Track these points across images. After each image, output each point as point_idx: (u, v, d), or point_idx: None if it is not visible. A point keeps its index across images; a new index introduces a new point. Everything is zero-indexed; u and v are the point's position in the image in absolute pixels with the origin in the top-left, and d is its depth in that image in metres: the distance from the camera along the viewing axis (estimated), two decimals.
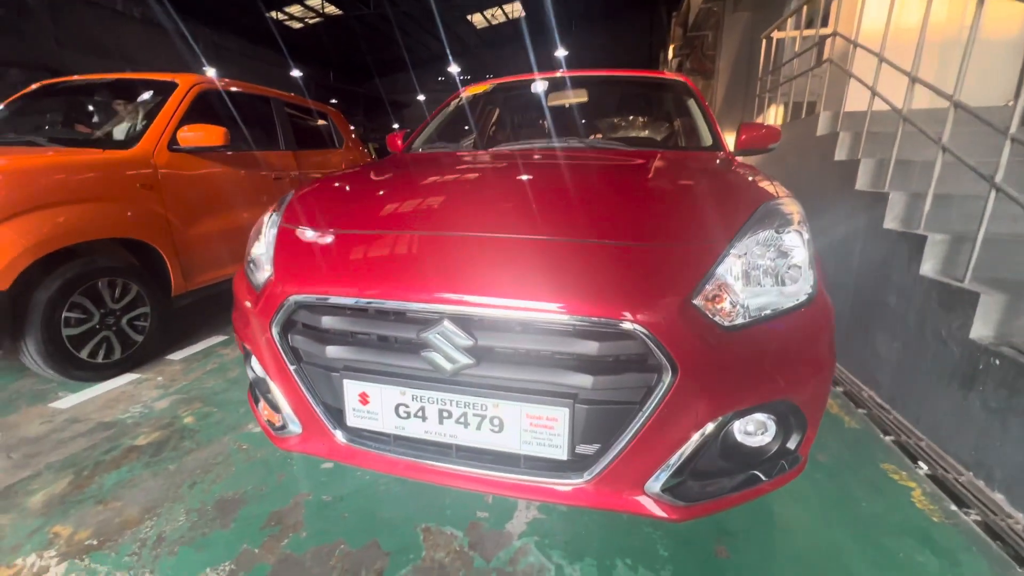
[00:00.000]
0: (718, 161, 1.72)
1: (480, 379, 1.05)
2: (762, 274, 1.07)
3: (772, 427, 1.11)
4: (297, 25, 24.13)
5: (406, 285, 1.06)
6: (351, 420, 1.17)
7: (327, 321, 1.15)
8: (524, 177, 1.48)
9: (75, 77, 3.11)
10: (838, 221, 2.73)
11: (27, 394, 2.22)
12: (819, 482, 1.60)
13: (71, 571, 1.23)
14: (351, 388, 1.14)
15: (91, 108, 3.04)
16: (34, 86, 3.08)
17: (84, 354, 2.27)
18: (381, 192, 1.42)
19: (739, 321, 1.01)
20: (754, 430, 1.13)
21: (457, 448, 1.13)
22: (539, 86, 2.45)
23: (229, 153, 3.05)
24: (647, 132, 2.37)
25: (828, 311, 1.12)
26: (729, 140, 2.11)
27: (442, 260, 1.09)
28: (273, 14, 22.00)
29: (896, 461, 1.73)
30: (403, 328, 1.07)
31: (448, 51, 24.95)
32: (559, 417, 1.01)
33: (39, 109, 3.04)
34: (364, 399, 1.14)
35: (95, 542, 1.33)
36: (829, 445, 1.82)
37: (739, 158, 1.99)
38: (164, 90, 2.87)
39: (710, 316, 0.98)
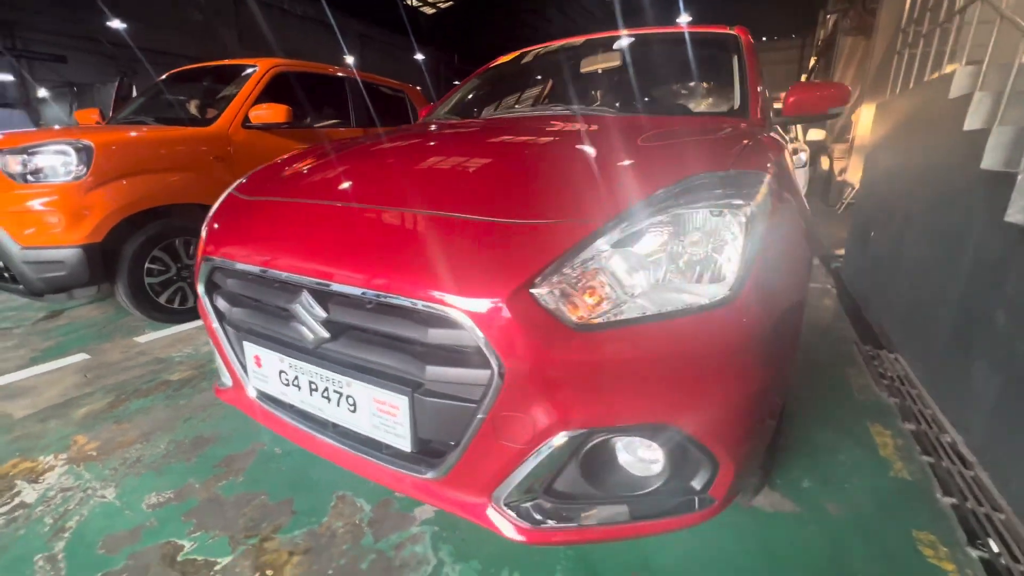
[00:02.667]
0: (724, 128, 1.40)
1: (338, 355, 1.01)
2: (661, 263, 0.85)
3: (661, 457, 0.89)
4: (429, 11, 25.50)
5: (276, 253, 1.05)
6: (252, 380, 1.22)
7: (231, 283, 1.20)
8: (454, 148, 1.36)
9: (190, 66, 3.65)
10: (952, 210, 2.09)
11: (124, 328, 2.73)
12: (809, 538, 1.27)
13: (67, 473, 1.50)
14: (249, 350, 1.18)
15: (196, 91, 3.55)
16: (164, 76, 3.69)
17: (163, 300, 2.72)
18: (324, 163, 1.42)
19: (600, 319, 0.81)
20: (645, 457, 0.92)
21: (333, 423, 1.11)
22: (564, 53, 2.24)
23: (297, 130, 3.34)
24: (681, 96, 2.02)
25: (752, 321, 0.85)
26: None
27: (309, 230, 1.05)
28: (409, 0, 23.52)
29: (944, 533, 1.30)
30: (279, 296, 1.07)
31: (575, 25, 24.34)
32: (400, 405, 0.93)
33: (163, 94, 3.64)
34: (258, 362, 1.17)
35: (95, 454, 1.60)
36: (853, 493, 1.43)
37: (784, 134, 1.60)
38: (234, 73, 3.24)
39: (555, 309, 0.80)
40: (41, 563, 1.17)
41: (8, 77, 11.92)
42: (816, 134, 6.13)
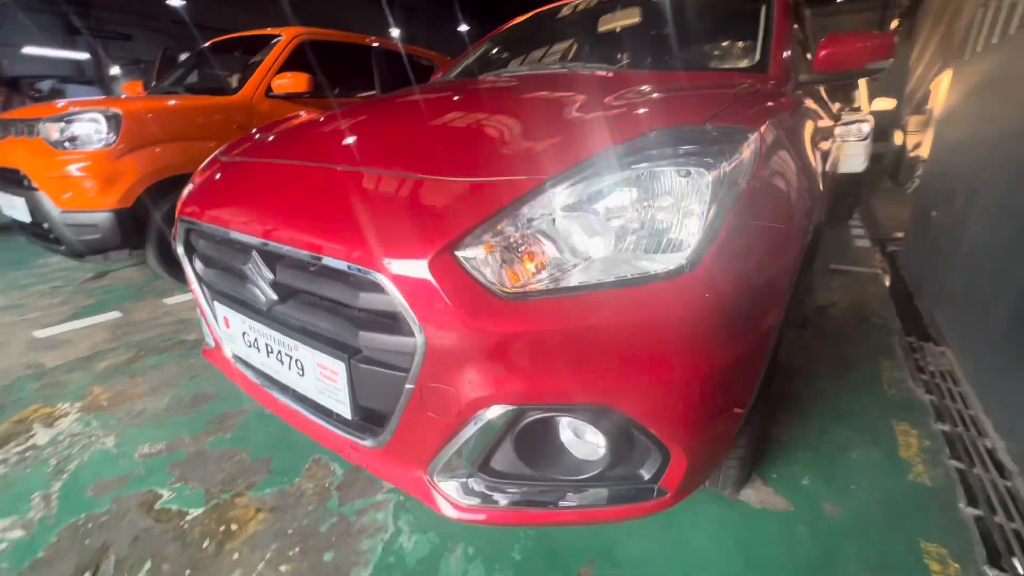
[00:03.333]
0: (727, 84, 1.25)
1: (287, 318, 1.00)
2: (608, 226, 0.76)
3: (602, 441, 0.82)
4: None
5: (230, 213, 1.04)
6: (224, 342, 1.24)
7: (202, 244, 1.20)
8: (424, 109, 1.28)
9: (223, 37, 3.73)
10: None
11: (156, 290, 2.89)
12: (795, 539, 1.16)
13: (78, 421, 1.61)
14: (219, 311, 1.19)
15: (228, 62, 3.63)
16: (200, 48, 3.80)
17: None
18: (300, 126, 1.39)
19: (533, 287, 0.74)
20: (590, 440, 0.85)
21: (289, 386, 1.10)
22: (581, 11, 2.08)
23: (320, 99, 3.35)
24: (698, 52, 1.83)
25: (709, 297, 0.74)
26: None
27: (260, 190, 1.03)
28: None
29: (959, 547, 1.15)
30: (235, 257, 1.06)
31: None
32: (339, 371, 0.90)
33: (198, 65, 3.75)
34: (227, 323, 1.18)
35: (106, 404, 1.70)
36: (858, 495, 1.29)
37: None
38: (265, 43, 3.27)
39: (482, 275, 0.74)
40: (37, 500, 1.26)
41: (85, 56, 12.80)
42: (884, 103, 5.54)
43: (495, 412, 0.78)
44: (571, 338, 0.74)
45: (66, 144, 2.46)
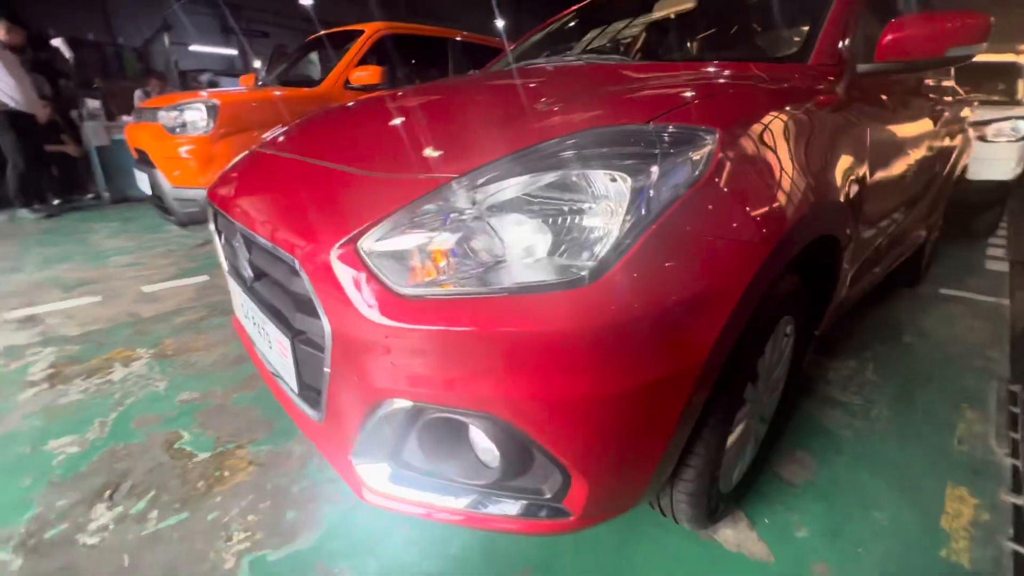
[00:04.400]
0: (737, 76, 1.10)
1: (261, 294, 1.09)
2: (510, 228, 0.73)
3: (495, 450, 0.79)
4: None
5: (228, 196, 1.15)
6: (237, 313, 1.39)
7: (220, 222, 1.35)
8: (414, 103, 1.27)
9: (320, 33, 4.09)
10: None
11: None
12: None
13: (146, 364, 1.91)
14: (230, 284, 1.34)
15: (322, 56, 3.97)
16: (304, 42, 4.21)
17: None
18: (311, 120, 1.48)
19: (430, 287, 0.73)
20: (487, 445, 0.83)
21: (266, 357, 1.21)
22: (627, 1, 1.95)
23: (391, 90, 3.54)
24: (743, 42, 1.61)
25: (613, 312, 0.67)
26: None
27: (249, 178, 1.13)
28: None
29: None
30: (232, 236, 1.18)
31: None
32: (287, 348, 0.97)
33: (298, 59, 4.15)
34: (233, 296, 1.33)
35: (170, 353, 2.00)
36: (864, 562, 1.10)
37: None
38: (354, 37, 3.51)
39: (381, 270, 0.74)
40: (95, 425, 1.53)
41: (235, 52, 14.79)
42: None
43: (395, 405, 0.79)
44: (464, 342, 0.72)
45: (177, 130, 2.89)
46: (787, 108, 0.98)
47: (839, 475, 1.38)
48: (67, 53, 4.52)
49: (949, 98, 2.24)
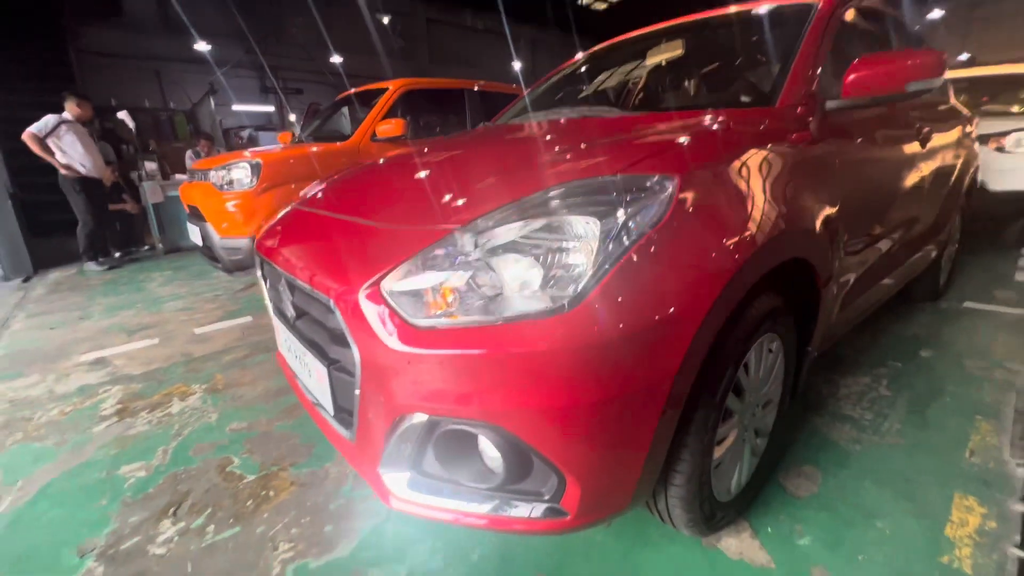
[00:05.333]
0: (702, 123, 1.25)
1: (302, 330, 1.27)
2: (502, 269, 0.88)
3: (500, 456, 0.92)
4: (601, 6, 25.35)
5: (273, 248, 1.36)
6: (281, 349, 1.58)
7: (265, 269, 1.57)
8: (420, 160, 1.47)
9: (349, 92, 4.48)
10: None
11: None
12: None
13: (200, 398, 2.12)
14: (274, 322, 1.54)
15: (352, 111, 4.35)
16: (335, 100, 4.61)
17: None
18: (339, 178, 1.69)
19: (440, 319, 0.88)
20: (493, 453, 0.96)
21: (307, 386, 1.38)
22: (617, 52, 2.15)
23: (415, 140, 3.85)
24: (721, 88, 1.75)
25: (588, 335, 0.81)
26: None
27: (291, 231, 1.33)
28: (581, 0, 23.77)
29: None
30: (276, 281, 1.38)
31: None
32: (324, 375, 1.14)
33: (329, 116, 4.55)
34: (278, 332, 1.52)
35: (220, 388, 2.22)
36: (864, 569, 1.15)
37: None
38: (379, 93, 3.86)
39: (399, 306, 0.91)
40: (159, 452, 1.73)
41: (272, 108, 16.00)
42: None
43: (415, 419, 0.94)
44: (468, 363, 0.86)
45: (225, 187, 3.23)
46: (750, 148, 1.12)
47: (845, 486, 1.42)
48: (130, 123, 5.08)
49: (943, 117, 2.32)
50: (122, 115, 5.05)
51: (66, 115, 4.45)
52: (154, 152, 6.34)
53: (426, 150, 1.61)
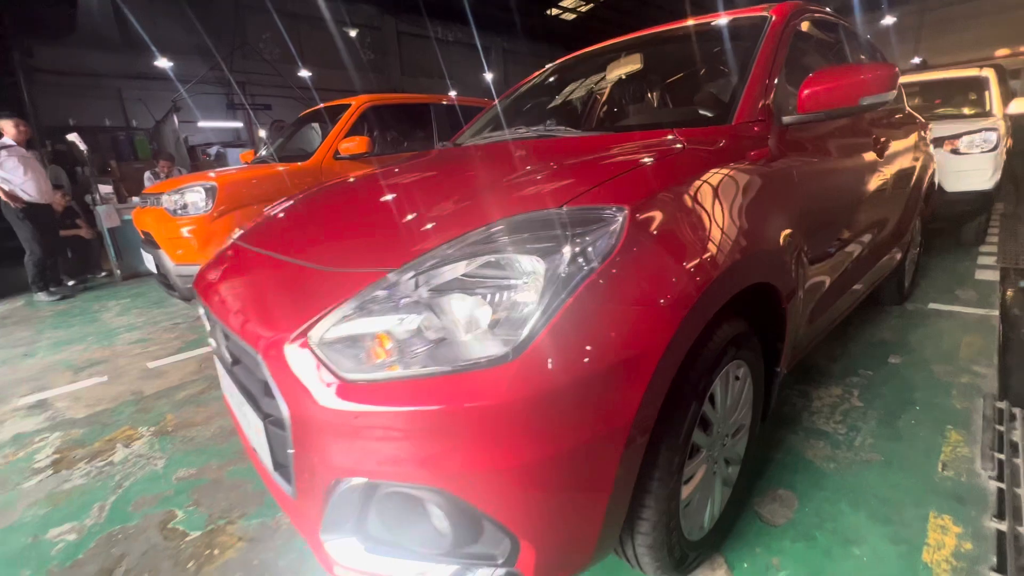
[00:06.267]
0: (654, 145, 1.20)
1: (239, 378, 1.17)
2: (441, 314, 0.81)
3: (447, 520, 0.83)
4: (570, 16, 25.73)
5: (206, 286, 1.26)
6: (224, 391, 1.46)
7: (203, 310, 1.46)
8: (360, 191, 1.39)
9: (312, 108, 4.37)
10: None
11: None
12: None
13: (146, 443, 1.98)
14: (216, 363, 1.42)
15: (306, 131, 4.24)
16: (298, 117, 4.49)
17: None
18: (276, 211, 1.60)
19: (373, 373, 0.80)
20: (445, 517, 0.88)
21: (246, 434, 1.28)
22: (577, 66, 2.12)
23: (379, 156, 3.76)
24: (674, 105, 1.73)
25: (536, 385, 0.74)
26: None
27: (226, 269, 1.23)
28: (549, 11, 24.08)
29: None
30: (214, 321, 1.28)
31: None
32: (260, 429, 1.04)
33: (295, 133, 4.43)
34: (219, 374, 1.41)
35: (171, 429, 2.07)
36: None
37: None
38: (343, 110, 3.76)
39: (329, 358, 0.82)
40: (95, 510, 1.59)
41: (240, 124, 15.67)
42: None
43: (353, 482, 0.85)
44: (406, 423, 0.78)
45: (179, 211, 3.08)
46: (706, 170, 1.07)
47: (821, 510, 1.38)
48: (81, 145, 4.85)
49: (899, 125, 2.35)
50: (72, 137, 4.82)
51: (6, 139, 4.22)
52: (109, 174, 6.08)
53: (372, 178, 1.53)
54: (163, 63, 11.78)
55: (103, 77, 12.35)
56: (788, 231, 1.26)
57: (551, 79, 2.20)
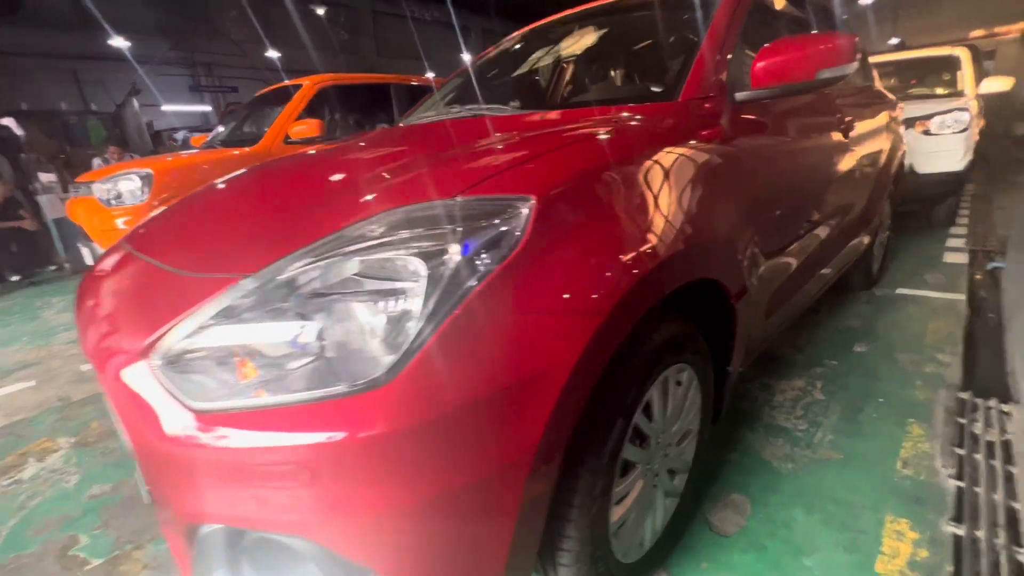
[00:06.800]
0: (598, 122, 1.07)
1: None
2: (302, 330, 0.67)
3: (319, 573, 0.71)
4: None
5: (80, 293, 1.10)
6: None
7: None
8: (259, 180, 1.23)
9: (265, 90, 4.12)
10: None
11: None
12: None
13: (62, 457, 1.82)
14: None
15: (265, 113, 3.99)
16: (252, 100, 4.23)
17: None
18: (194, 196, 1.42)
19: (223, 401, 0.67)
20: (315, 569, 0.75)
21: None
22: (530, 41, 1.95)
23: (334, 141, 3.55)
24: (625, 81, 1.60)
25: (414, 412, 0.62)
26: None
27: (100, 275, 1.07)
28: None
29: None
30: None
31: None
32: (134, 455, 0.90)
33: (248, 117, 4.17)
34: None
35: (91, 440, 1.91)
36: None
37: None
38: (293, 92, 3.54)
39: (173, 384, 0.68)
40: None
41: (208, 108, 15.03)
42: (999, 83, 4.58)
43: (210, 527, 0.72)
44: (261, 458, 0.65)
45: (112, 202, 2.86)
46: (640, 153, 0.95)
47: (775, 517, 1.30)
48: (17, 131, 4.53)
49: (868, 103, 2.25)
50: (7, 121, 4.49)
51: None
52: (52, 161, 5.72)
53: (271, 167, 1.37)
54: (120, 43, 11.16)
55: (56, 58, 11.68)
56: (738, 221, 1.15)
57: (502, 56, 2.03)
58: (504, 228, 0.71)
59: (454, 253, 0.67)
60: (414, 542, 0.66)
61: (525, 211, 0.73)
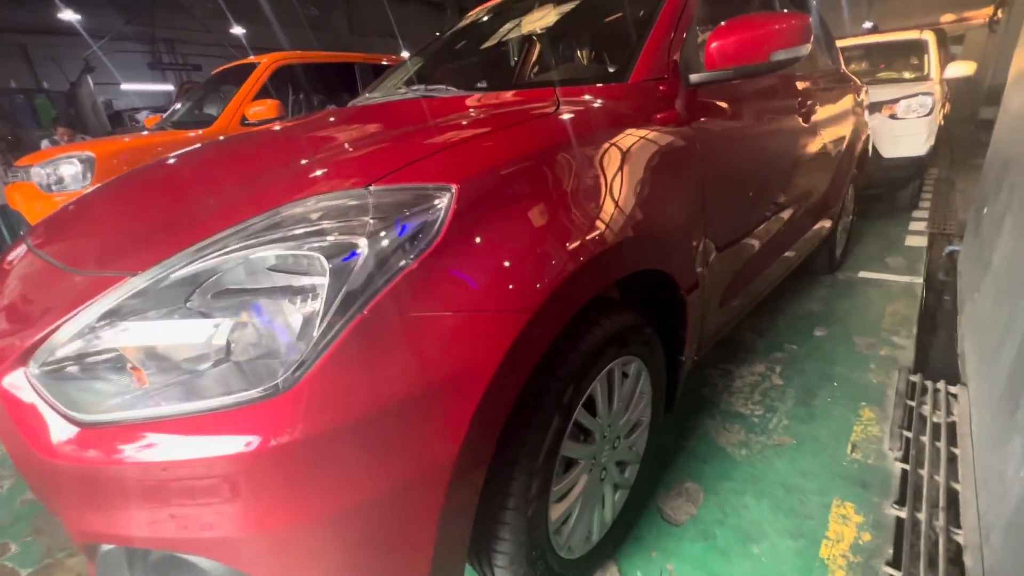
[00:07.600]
0: (534, 106, 1.02)
1: None
2: (195, 335, 0.61)
3: None
4: None
5: None
6: None
7: None
8: (216, 156, 1.15)
9: (221, 68, 3.92)
10: None
11: None
12: None
13: (0, 461, 1.72)
14: None
15: (221, 93, 3.80)
16: (209, 78, 4.02)
17: None
18: (102, 188, 1.31)
19: (110, 412, 0.61)
20: None
21: None
22: (488, 19, 1.86)
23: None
24: (583, 62, 1.54)
25: (315, 423, 0.57)
26: None
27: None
28: None
29: None
30: None
31: None
32: None
33: (203, 97, 3.97)
34: None
35: None
36: None
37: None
38: (251, 70, 3.36)
39: (51, 393, 0.62)
40: None
41: (171, 87, 14.35)
42: (962, 68, 4.64)
43: (109, 547, 0.67)
44: (154, 476, 0.60)
45: (53, 187, 2.69)
46: (579, 137, 0.90)
47: (726, 504, 1.31)
48: None
49: (831, 86, 2.23)
50: None
51: None
52: (9, 143, 5.38)
53: (194, 153, 1.28)
54: (68, 15, 10.49)
55: (2, 31, 10.94)
56: (690, 209, 1.12)
57: (456, 36, 1.94)
58: (421, 220, 0.66)
59: (364, 248, 0.62)
60: (323, 559, 0.62)
61: (444, 201, 0.68)
